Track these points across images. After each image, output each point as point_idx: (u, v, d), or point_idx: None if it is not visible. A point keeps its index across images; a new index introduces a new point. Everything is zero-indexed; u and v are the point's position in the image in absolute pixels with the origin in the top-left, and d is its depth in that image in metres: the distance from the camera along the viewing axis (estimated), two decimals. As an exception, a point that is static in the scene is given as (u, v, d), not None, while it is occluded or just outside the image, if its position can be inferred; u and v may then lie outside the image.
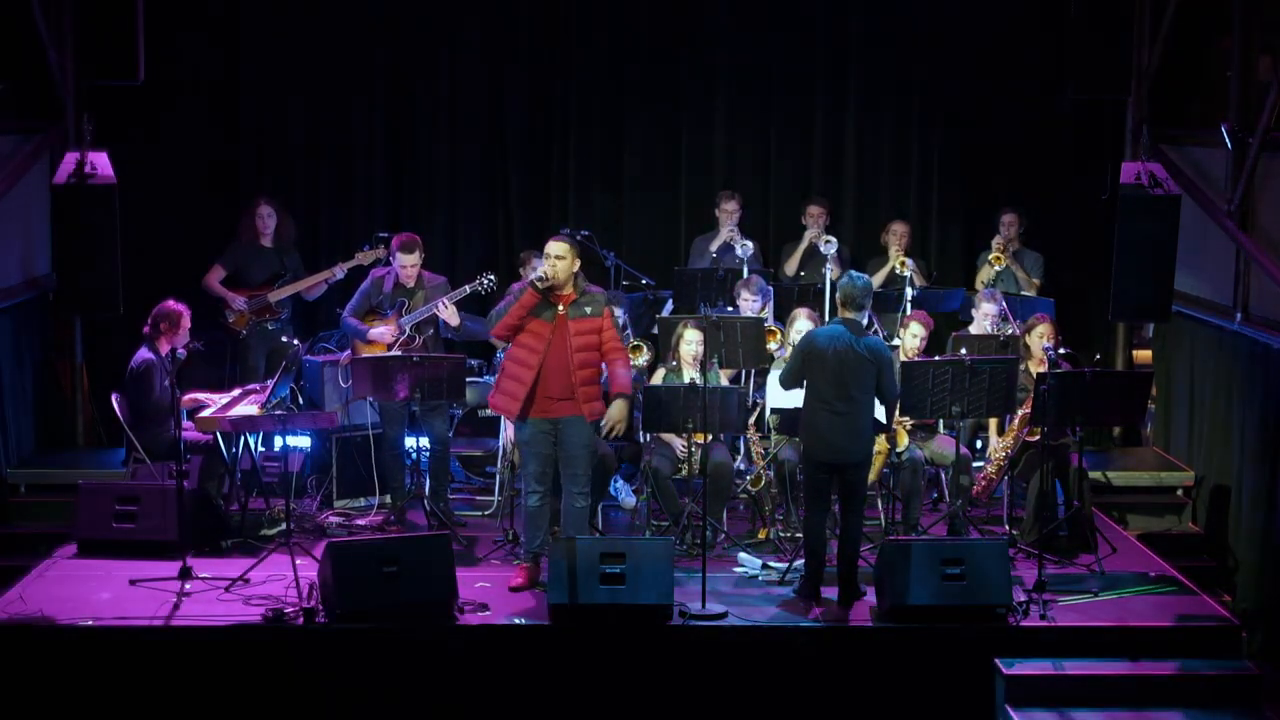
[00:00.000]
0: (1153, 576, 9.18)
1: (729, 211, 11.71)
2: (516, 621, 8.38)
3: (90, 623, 8.25)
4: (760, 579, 9.08)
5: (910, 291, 11.13)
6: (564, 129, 12.33)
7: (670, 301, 11.38)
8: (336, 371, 10.49)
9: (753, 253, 11.29)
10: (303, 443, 10.60)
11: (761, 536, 9.71)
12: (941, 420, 9.90)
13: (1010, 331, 10.37)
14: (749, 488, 9.84)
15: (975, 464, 10.10)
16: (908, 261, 11.29)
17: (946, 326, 11.07)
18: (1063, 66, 11.72)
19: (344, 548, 8.35)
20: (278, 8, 12.07)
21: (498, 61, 12.23)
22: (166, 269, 11.45)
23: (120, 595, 8.64)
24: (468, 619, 8.36)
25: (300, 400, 10.55)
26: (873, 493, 10.02)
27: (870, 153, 12.42)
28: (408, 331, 10.16)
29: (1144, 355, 12.17)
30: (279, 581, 8.73)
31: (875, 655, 8.34)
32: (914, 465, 9.56)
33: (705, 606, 8.42)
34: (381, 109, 12.23)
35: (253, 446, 9.96)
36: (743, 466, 10.01)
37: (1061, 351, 9.49)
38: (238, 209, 11.54)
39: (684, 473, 9.53)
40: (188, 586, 8.64)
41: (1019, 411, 9.52)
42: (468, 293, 10.14)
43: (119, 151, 10.51)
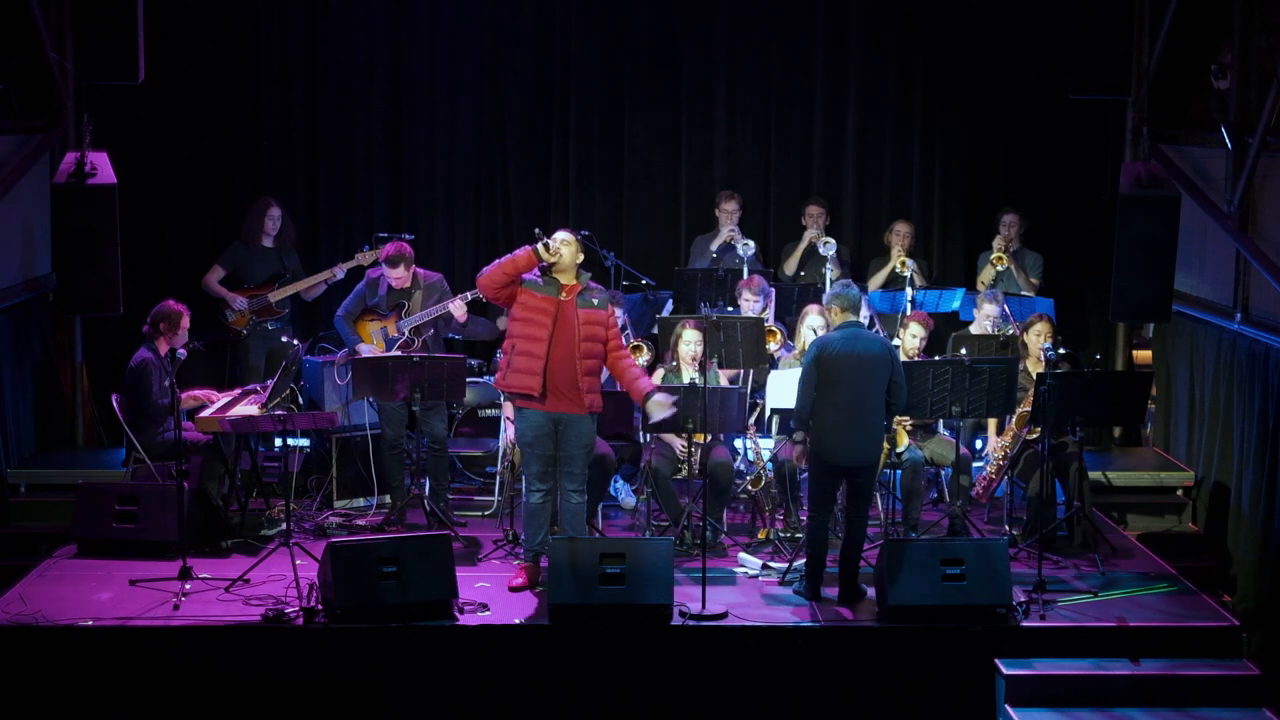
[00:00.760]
0: (1153, 576, 9.18)
1: (729, 211, 11.72)
2: (516, 621, 8.39)
3: (90, 623, 8.25)
4: (760, 579, 9.08)
5: (910, 291, 11.14)
6: (564, 129, 12.33)
7: (670, 301, 11.39)
8: (335, 370, 10.49)
9: (754, 253, 11.30)
10: (303, 444, 10.59)
11: (761, 536, 9.71)
12: (941, 420, 9.90)
13: (1010, 332, 10.37)
14: (749, 488, 9.84)
15: (975, 464, 10.10)
16: (908, 262, 11.30)
17: (946, 326, 11.06)
18: (1063, 66, 11.72)
19: (344, 548, 8.34)
20: (277, 8, 12.07)
21: (497, 61, 12.23)
22: (166, 269, 11.48)
23: (120, 595, 8.64)
24: (468, 619, 8.36)
25: (300, 401, 10.55)
26: (873, 493, 10.04)
27: (870, 153, 12.41)
28: (405, 334, 10.17)
29: (1144, 355, 12.17)
30: (279, 581, 8.74)
31: (875, 655, 8.34)
32: (914, 465, 9.56)
33: (705, 606, 8.42)
34: (381, 109, 12.23)
35: (253, 447, 9.96)
36: (743, 467, 10.01)
37: (1060, 351, 9.49)
38: (239, 209, 11.54)
39: (684, 473, 9.53)
40: (188, 586, 8.64)
41: (1018, 410, 9.52)
42: (471, 298, 10.15)
43: (119, 151, 10.52)
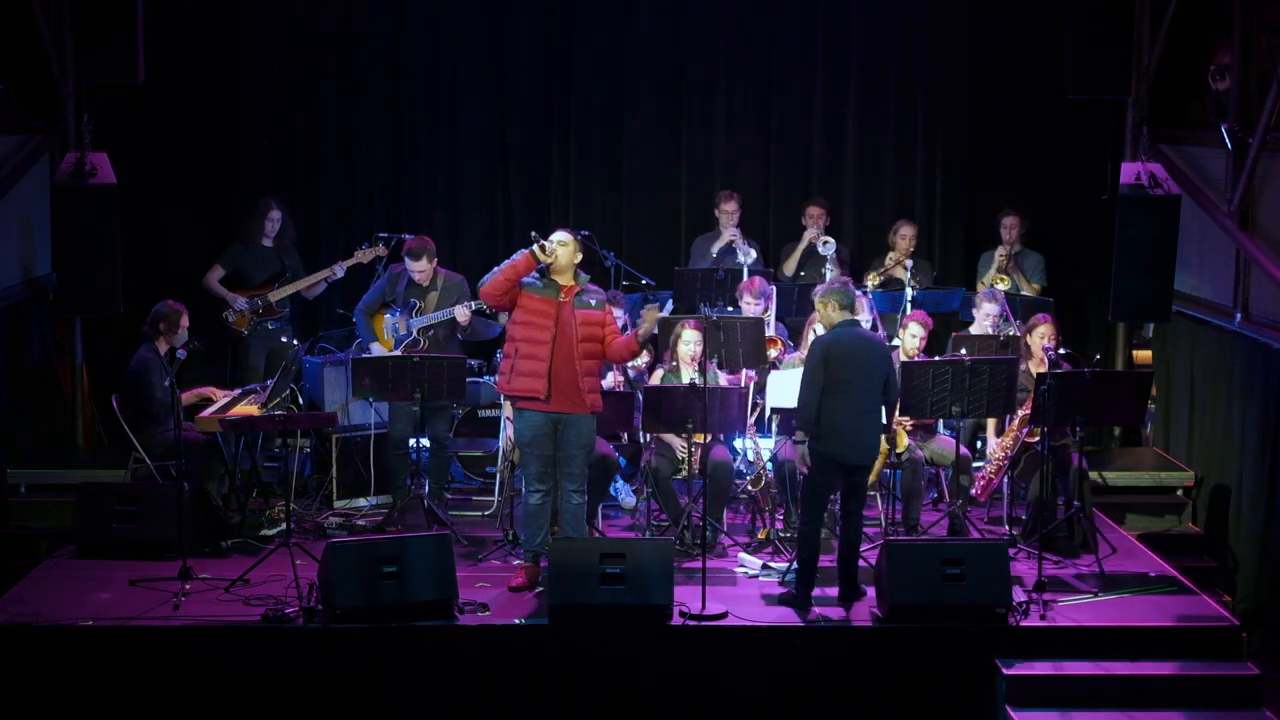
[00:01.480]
0: (1153, 576, 9.18)
1: (729, 212, 11.72)
2: (516, 621, 8.39)
3: (90, 623, 8.25)
4: (760, 579, 9.08)
5: (910, 291, 11.14)
6: (564, 129, 12.33)
7: (670, 301, 11.39)
8: (339, 370, 10.50)
9: (755, 258, 11.29)
10: (303, 443, 10.60)
11: (761, 536, 9.71)
12: (941, 420, 9.90)
13: (1011, 332, 10.37)
14: (749, 488, 9.84)
15: (975, 464, 10.10)
16: (908, 263, 11.30)
17: (946, 326, 11.06)
18: (1063, 66, 11.72)
19: (344, 548, 8.34)
20: (277, 8, 12.07)
21: (498, 61, 12.23)
22: (166, 269, 11.47)
23: (120, 595, 8.64)
24: (468, 619, 8.36)
25: (300, 400, 10.55)
26: (873, 493, 10.03)
27: (871, 153, 12.41)
28: (414, 334, 10.18)
29: (1144, 355, 12.17)
30: (279, 581, 8.73)
31: (875, 655, 8.34)
32: (914, 465, 9.56)
33: (705, 606, 8.42)
34: (382, 109, 12.23)
35: (253, 446, 9.96)
36: (743, 467, 10.01)
37: (1061, 352, 9.50)
38: (239, 209, 11.54)
39: (684, 473, 9.54)
40: (188, 586, 8.64)
41: (1019, 412, 9.52)
42: (474, 307, 10.15)
43: (119, 151, 10.52)
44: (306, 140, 12.22)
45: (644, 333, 8.72)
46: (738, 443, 9.94)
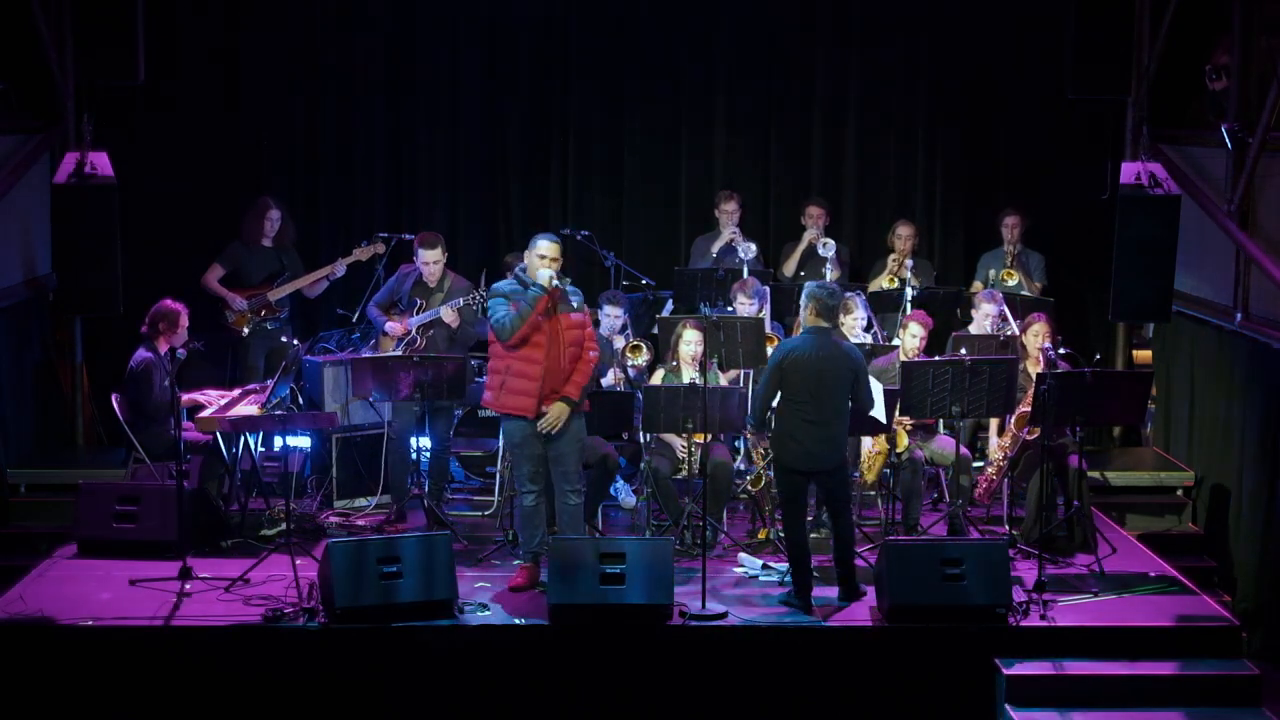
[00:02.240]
0: (1153, 576, 9.18)
1: (729, 212, 11.71)
2: (516, 621, 8.38)
3: (90, 623, 8.25)
4: (760, 579, 9.08)
5: (910, 292, 11.14)
6: (564, 129, 12.34)
7: (670, 301, 11.39)
8: (339, 370, 10.50)
9: (754, 255, 11.29)
10: (303, 443, 10.60)
11: (761, 536, 9.71)
12: (941, 420, 9.90)
13: (1010, 332, 10.37)
14: (749, 488, 9.84)
15: (975, 464, 10.10)
16: (908, 264, 11.31)
17: (946, 326, 11.06)
18: (1063, 66, 11.72)
19: (344, 548, 8.34)
20: (277, 8, 12.07)
21: (498, 62, 12.23)
22: (166, 269, 11.46)
23: (120, 595, 8.63)
24: (468, 619, 8.36)
25: (300, 400, 10.55)
26: (873, 493, 10.05)
27: (871, 153, 12.42)
28: (414, 332, 10.18)
29: (1144, 355, 12.17)
30: (279, 581, 8.73)
31: (875, 655, 8.33)
32: (914, 465, 9.56)
33: (705, 606, 8.42)
34: (381, 109, 12.23)
35: (253, 446, 9.96)
36: (743, 466, 10.01)
37: (1060, 351, 9.49)
38: (239, 209, 11.54)
39: (684, 473, 9.54)
40: (188, 586, 8.64)
41: (1018, 411, 9.52)
42: (460, 304, 10.15)
43: (119, 151, 10.52)
44: (306, 140, 12.22)
45: (546, 420, 8.60)
46: (736, 442, 9.94)
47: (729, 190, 11.88)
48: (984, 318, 10.53)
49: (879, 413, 8.95)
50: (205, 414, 9.33)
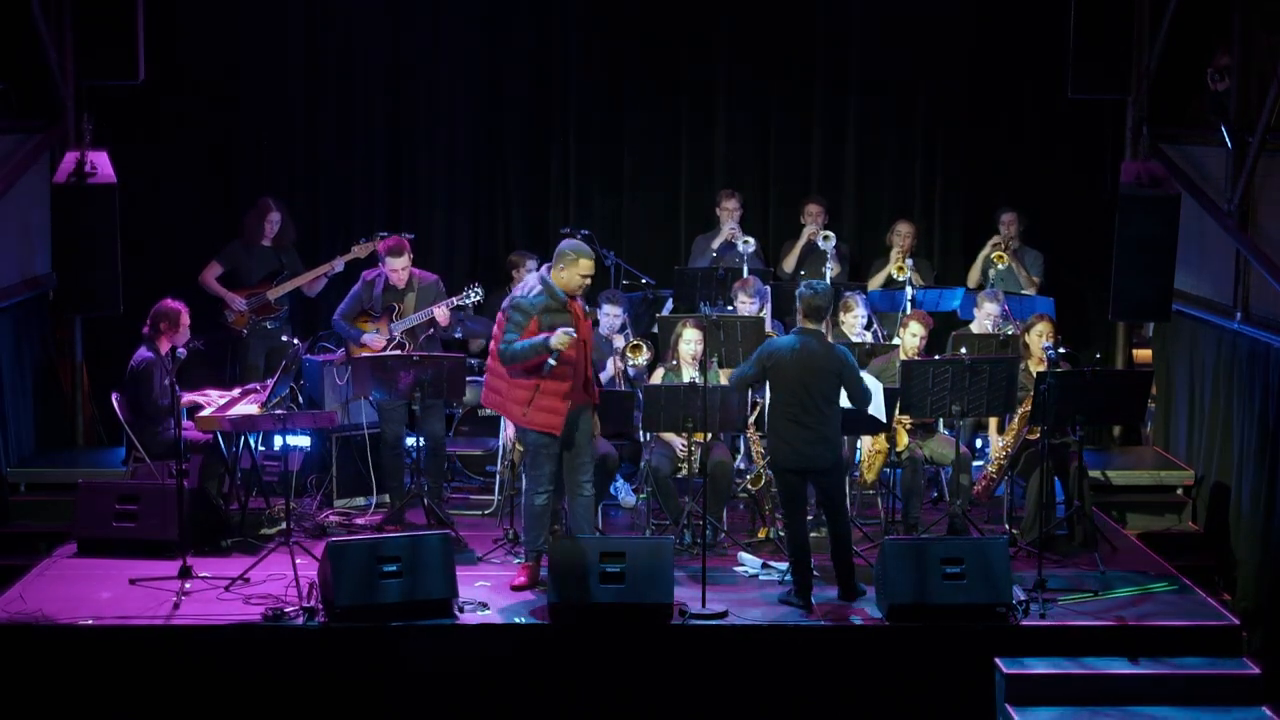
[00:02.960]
0: (1153, 576, 9.18)
1: (729, 210, 11.72)
2: (516, 621, 8.38)
3: (90, 623, 8.25)
4: (760, 579, 9.08)
5: (910, 291, 11.14)
6: (564, 129, 12.34)
7: (670, 301, 11.39)
8: (335, 370, 10.49)
9: (754, 249, 11.29)
10: (303, 443, 10.60)
11: (761, 536, 9.71)
12: (941, 420, 9.90)
13: (1010, 331, 10.37)
14: (749, 487, 9.84)
15: (975, 463, 10.10)
16: (907, 264, 11.31)
17: (946, 326, 11.07)
18: (1063, 66, 11.72)
19: (344, 547, 8.34)
20: (277, 7, 12.07)
21: (497, 61, 12.23)
22: (166, 269, 11.47)
23: (120, 595, 8.63)
24: (468, 619, 8.36)
25: (300, 400, 10.55)
26: (872, 492, 10.05)
27: (870, 153, 12.42)
28: (398, 338, 10.17)
29: (1144, 355, 12.17)
30: (279, 581, 8.73)
31: (875, 655, 8.34)
32: (914, 465, 9.56)
33: (705, 606, 8.42)
34: (381, 108, 12.23)
35: (253, 446, 9.96)
36: (743, 466, 10.01)
37: (1061, 351, 9.49)
38: (239, 208, 11.54)
39: (684, 472, 9.54)
40: (188, 586, 8.64)
41: (1019, 410, 9.52)
42: (455, 304, 10.15)
43: (119, 151, 10.52)
44: (306, 140, 12.22)
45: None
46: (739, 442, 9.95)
47: (730, 188, 11.88)
48: (985, 317, 10.53)
49: (879, 412, 8.95)
50: (205, 414, 9.33)
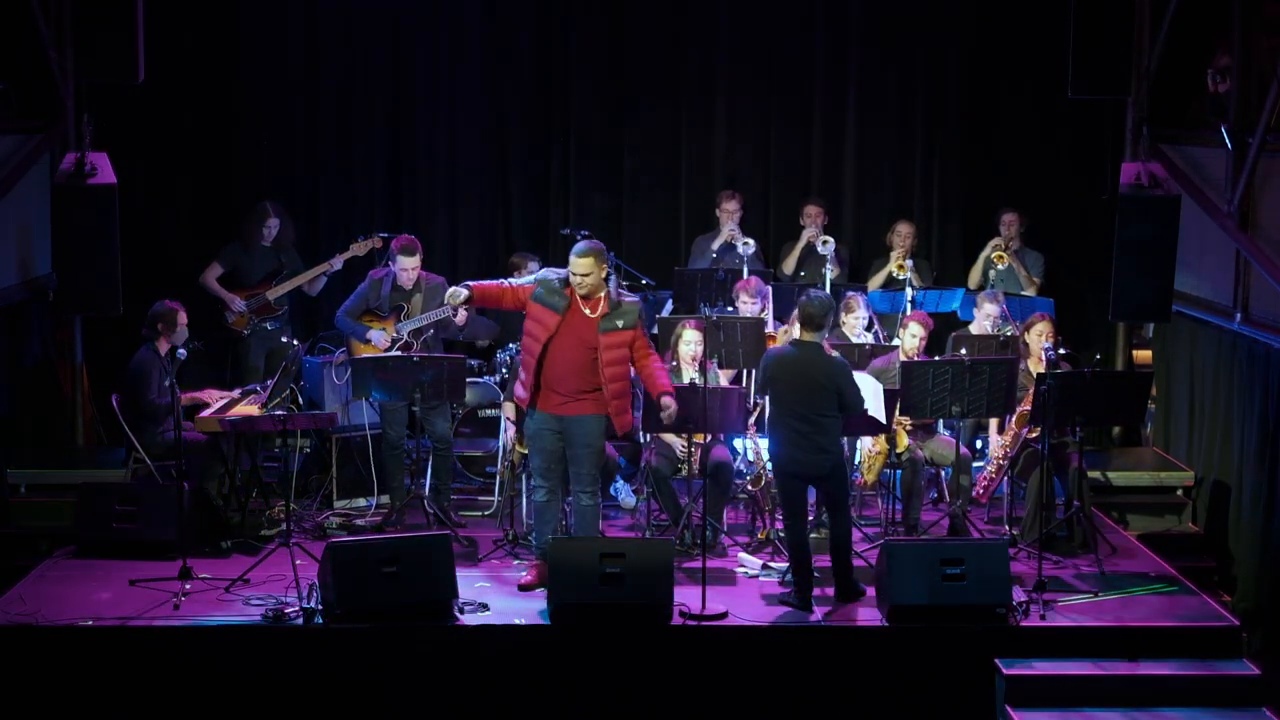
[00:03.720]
0: (1153, 576, 9.18)
1: (730, 211, 11.72)
2: (516, 621, 8.38)
3: (90, 623, 8.25)
4: (760, 579, 9.08)
5: (910, 292, 11.14)
6: (564, 129, 12.34)
7: (670, 302, 11.38)
8: (333, 370, 10.49)
9: (754, 251, 11.30)
10: (303, 443, 10.59)
11: (761, 537, 9.70)
12: (941, 420, 9.90)
13: (1010, 331, 10.37)
14: (749, 487, 9.84)
15: (975, 464, 10.10)
16: (907, 264, 11.31)
17: (946, 326, 11.07)
18: (1063, 66, 11.71)
19: (344, 548, 8.34)
20: (277, 7, 12.07)
21: (497, 62, 12.23)
22: (166, 269, 11.47)
23: (120, 595, 8.63)
24: (468, 619, 8.36)
25: (300, 400, 10.55)
26: (872, 493, 10.05)
27: (870, 153, 12.42)
28: (405, 337, 10.17)
29: (1144, 355, 12.17)
30: (279, 581, 8.73)
31: (875, 655, 8.34)
32: (914, 465, 9.56)
33: (705, 606, 8.42)
34: (382, 108, 12.24)
35: (252, 446, 9.96)
36: (743, 467, 10.01)
37: (1061, 351, 9.49)
38: (239, 209, 11.54)
39: (684, 473, 9.53)
40: (188, 586, 8.64)
41: (1019, 410, 9.52)
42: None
43: (119, 151, 10.51)
44: (306, 140, 12.22)
45: (667, 415, 8.62)
46: (737, 443, 9.94)
47: (730, 190, 11.88)
48: (985, 317, 10.53)
49: (879, 412, 8.95)
50: (205, 414, 9.32)
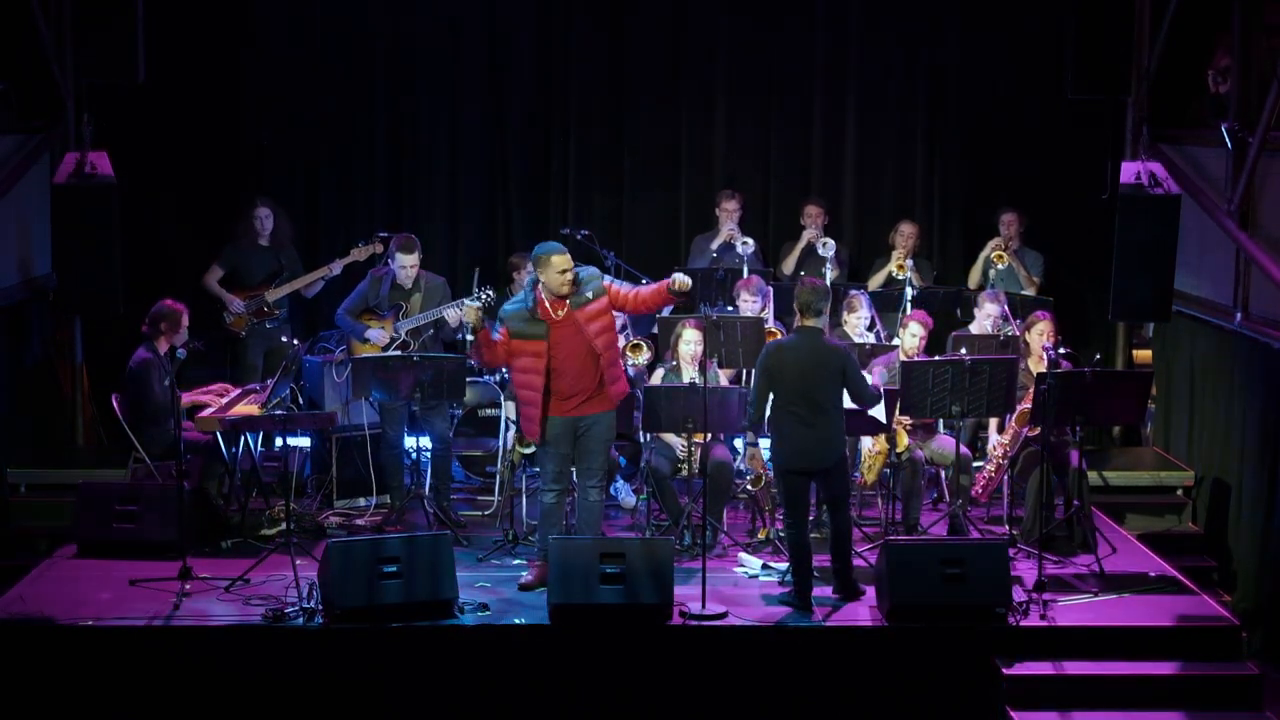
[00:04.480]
0: (1153, 576, 9.18)
1: (730, 211, 11.72)
2: (516, 621, 8.39)
3: (90, 623, 8.25)
4: (760, 579, 9.08)
5: (910, 291, 11.14)
6: (564, 129, 12.34)
7: (670, 301, 11.37)
8: (333, 369, 10.49)
9: (753, 250, 11.30)
10: (303, 442, 10.59)
11: (761, 536, 9.71)
12: (941, 420, 9.90)
13: (1010, 331, 10.37)
14: (749, 487, 9.84)
15: (975, 464, 10.10)
16: (907, 264, 11.31)
17: (946, 326, 11.07)
18: (1063, 66, 11.72)
19: (344, 548, 8.35)
20: (277, 7, 12.07)
21: (498, 61, 12.23)
22: (166, 269, 11.48)
23: (120, 595, 8.64)
24: (467, 619, 8.36)
25: (300, 400, 10.55)
26: (872, 493, 10.05)
27: (871, 153, 12.42)
28: (403, 336, 10.17)
29: (1144, 355, 12.17)
30: (279, 581, 8.73)
31: (875, 655, 8.34)
32: (914, 465, 9.56)
33: (705, 606, 8.42)
34: (381, 108, 12.24)
35: (253, 446, 9.96)
36: (743, 466, 10.01)
37: (1061, 351, 9.49)
38: (239, 209, 11.54)
39: (684, 473, 9.53)
40: (188, 586, 8.64)
41: (1019, 409, 9.52)
42: (465, 305, 10.14)
43: (119, 151, 10.52)
44: (306, 140, 12.22)
45: (679, 285, 8.47)
46: (737, 442, 9.94)
47: (730, 189, 11.89)
48: (986, 317, 10.53)
49: (878, 412, 8.95)
50: (205, 414, 9.33)
